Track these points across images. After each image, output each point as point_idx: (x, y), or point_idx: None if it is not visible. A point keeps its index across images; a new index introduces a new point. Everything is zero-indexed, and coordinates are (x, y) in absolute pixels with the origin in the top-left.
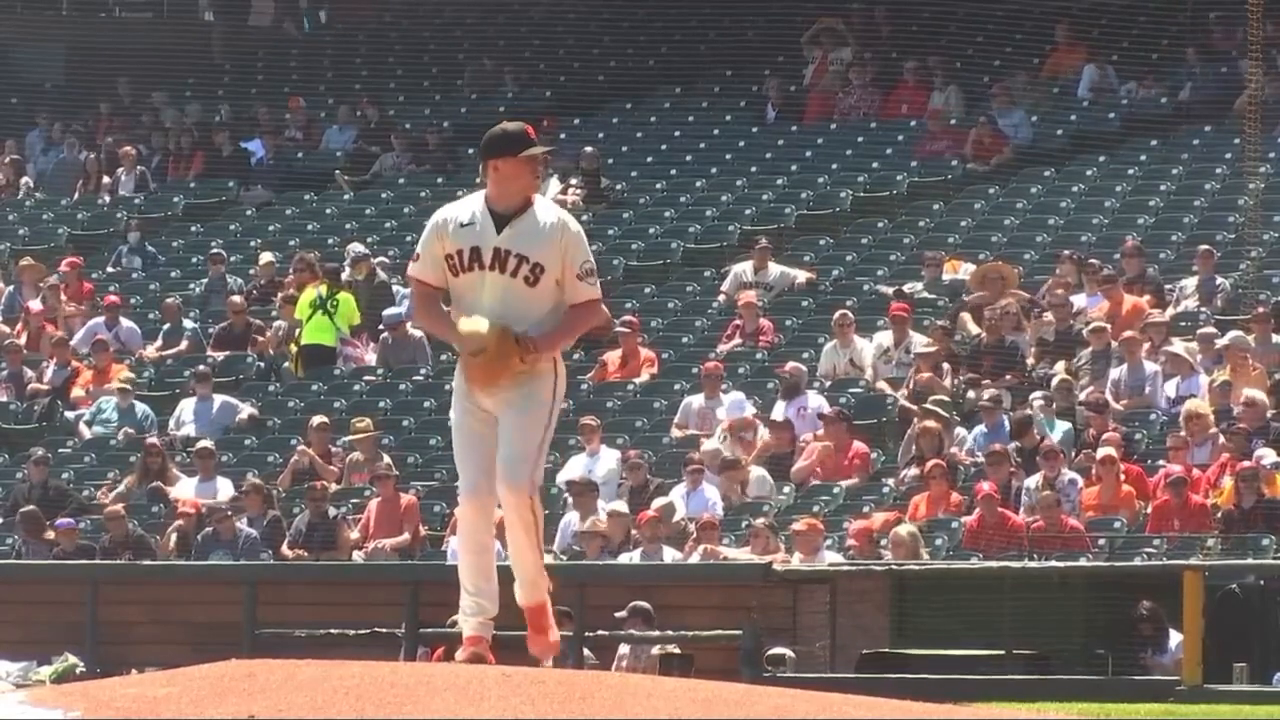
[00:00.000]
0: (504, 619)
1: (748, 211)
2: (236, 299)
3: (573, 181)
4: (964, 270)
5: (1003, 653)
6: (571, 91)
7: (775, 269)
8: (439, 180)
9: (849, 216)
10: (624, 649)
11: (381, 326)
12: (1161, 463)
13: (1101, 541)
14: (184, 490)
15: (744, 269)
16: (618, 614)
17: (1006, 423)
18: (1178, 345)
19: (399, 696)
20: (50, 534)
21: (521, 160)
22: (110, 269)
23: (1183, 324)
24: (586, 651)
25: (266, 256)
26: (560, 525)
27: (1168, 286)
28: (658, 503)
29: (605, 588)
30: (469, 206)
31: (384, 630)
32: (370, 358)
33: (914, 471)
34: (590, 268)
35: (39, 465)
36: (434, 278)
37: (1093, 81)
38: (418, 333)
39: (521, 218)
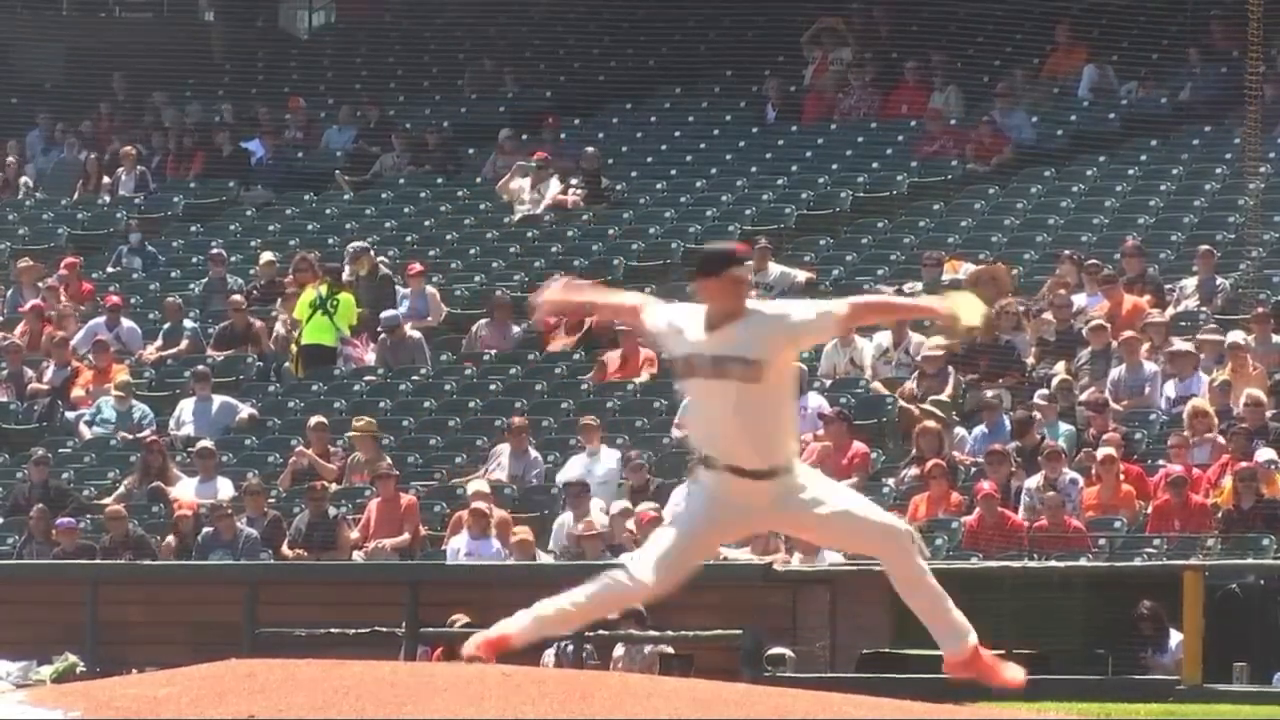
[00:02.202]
0: (502, 618)
1: (748, 211)
2: (237, 298)
3: (573, 181)
4: (964, 270)
5: (1003, 653)
6: (571, 91)
7: (775, 269)
8: (439, 180)
9: (849, 216)
10: (619, 650)
11: (380, 330)
12: (1161, 463)
13: (1101, 541)
14: (184, 490)
15: None
16: (610, 615)
17: (1006, 423)
18: (1179, 344)
19: (399, 696)
20: (51, 534)
21: (725, 280)
22: (110, 269)
23: (1183, 324)
24: (588, 649)
25: (267, 256)
26: (554, 526)
27: (1168, 286)
28: (643, 506)
29: None
30: (689, 315)
31: (384, 630)
32: (370, 358)
33: (914, 471)
34: (820, 309)
35: (39, 465)
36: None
37: (1093, 82)
38: (416, 333)
39: (733, 324)
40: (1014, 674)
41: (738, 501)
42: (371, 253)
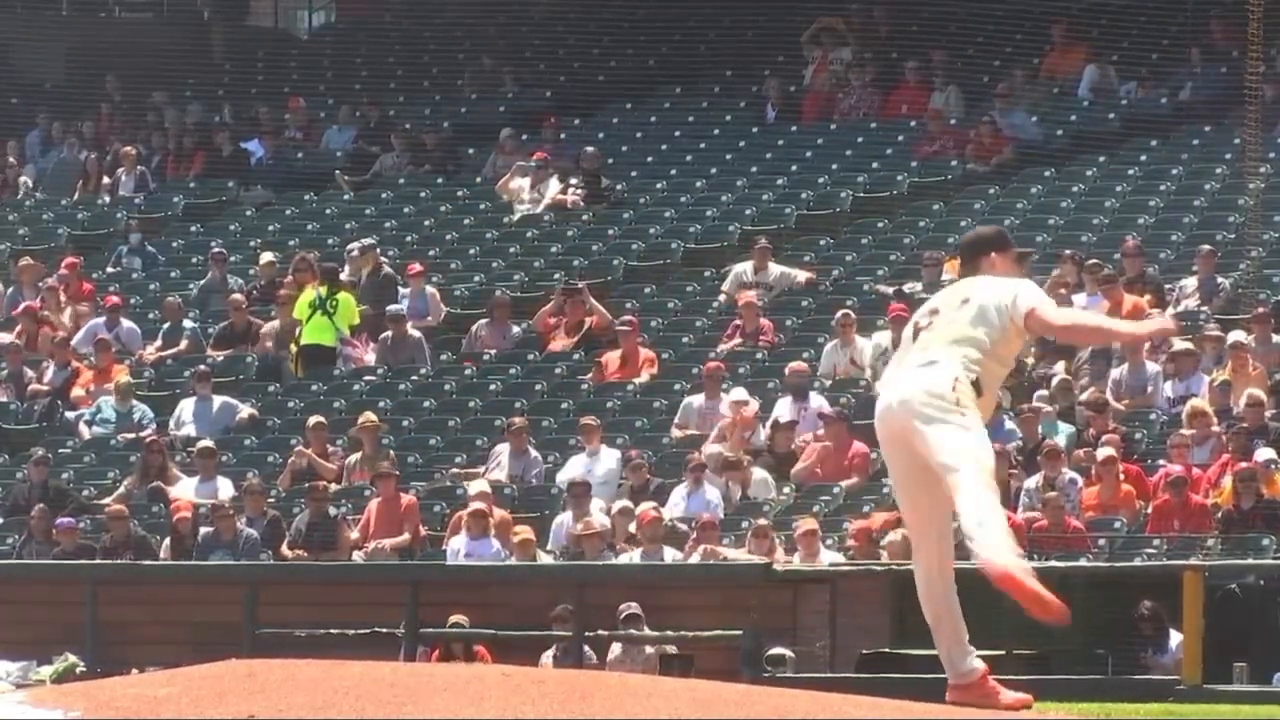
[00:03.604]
0: (501, 618)
1: (748, 211)
2: (237, 298)
3: (573, 181)
4: None
5: (1003, 653)
6: (571, 91)
7: (775, 269)
8: (439, 180)
9: (849, 216)
10: (616, 650)
11: (386, 321)
12: (1161, 463)
13: (1101, 541)
14: (184, 490)
15: (744, 269)
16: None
17: (1006, 422)
18: (1179, 344)
19: (399, 696)
20: (51, 534)
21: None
22: (110, 269)
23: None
24: (587, 650)
25: (267, 256)
26: (553, 525)
27: (1168, 286)
28: (643, 506)
29: (605, 588)
30: None
31: (384, 630)
32: (370, 358)
33: None
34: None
35: (39, 465)
36: None
37: (1093, 81)
38: (416, 333)
39: None
40: (1019, 698)
41: None
42: (376, 250)
